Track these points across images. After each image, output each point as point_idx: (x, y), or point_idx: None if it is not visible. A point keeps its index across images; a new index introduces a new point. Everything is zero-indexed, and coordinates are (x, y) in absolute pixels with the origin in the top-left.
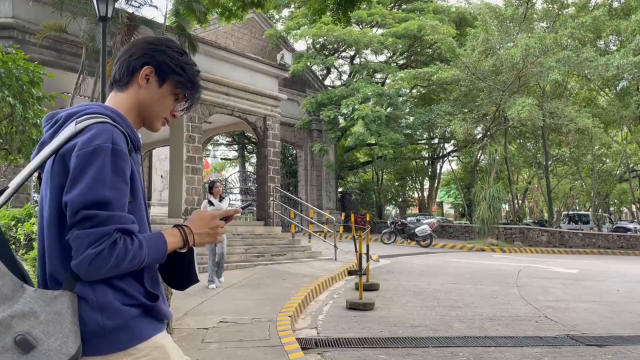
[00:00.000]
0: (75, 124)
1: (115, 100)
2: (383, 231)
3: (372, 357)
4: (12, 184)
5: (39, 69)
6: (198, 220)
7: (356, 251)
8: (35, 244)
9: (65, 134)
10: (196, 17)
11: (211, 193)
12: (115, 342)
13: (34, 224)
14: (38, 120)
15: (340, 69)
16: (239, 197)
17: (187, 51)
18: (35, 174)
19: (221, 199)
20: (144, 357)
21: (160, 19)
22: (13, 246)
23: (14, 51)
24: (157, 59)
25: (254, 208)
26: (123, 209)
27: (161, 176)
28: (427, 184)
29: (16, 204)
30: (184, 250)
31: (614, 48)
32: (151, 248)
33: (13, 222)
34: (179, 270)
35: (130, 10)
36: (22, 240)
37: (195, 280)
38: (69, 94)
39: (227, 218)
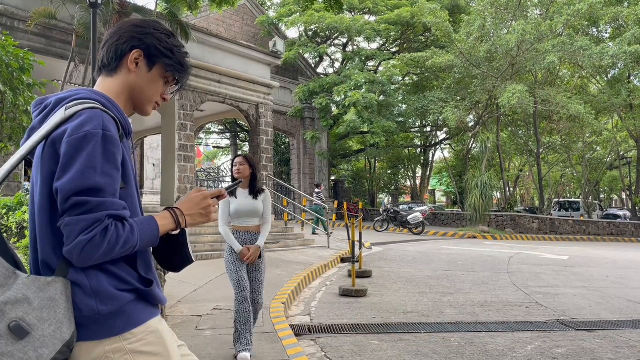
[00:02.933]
0: (65, 110)
1: (104, 85)
2: (375, 219)
3: (364, 342)
4: (2, 171)
5: (29, 55)
6: (189, 201)
7: (349, 239)
8: (27, 232)
9: (55, 120)
10: (187, 4)
11: (234, 179)
12: (111, 327)
13: (25, 212)
14: (29, 108)
15: (332, 57)
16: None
17: (173, 33)
18: (23, 162)
19: (256, 192)
20: (139, 342)
21: (151, 6)
22: (5, 235)
23: (3, 38)
24: (146, 42)
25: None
26: (114, 195)
27: (153, 164)
28: (419, 172)
29: (7, 192)
30: (176, 233)
31: (607, 36)
32: (143, 232)
33: (4, 211)
34: (173, 252)
35: None
36: (13, 229)
37: (190, 260)
38: (60, 82)
39: (218, 196)
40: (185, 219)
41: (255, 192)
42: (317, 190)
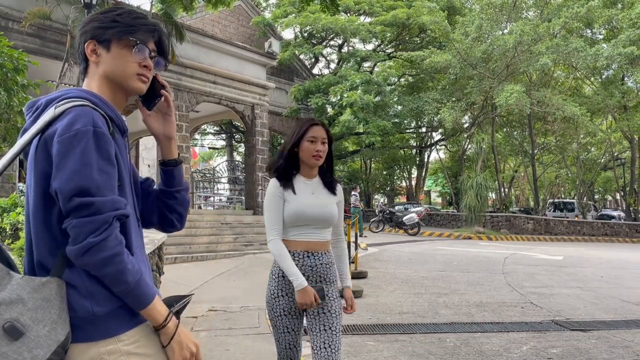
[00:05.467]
0: (55, 108)
1: (87, 85)
2: (371, 220)
3: (360, 343)
4: None
5: (23, 56)
6: (187, 336)
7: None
8: (21, 234)
9: (45, 119)
10: (182, 4)
11: (289, 166)
12: (106, 328)
13: (19, 213)
14: (23, 109)
15: (328, 58)
16: (227, 186)
17: (121, 7)
18: (18, 164)
19: (332, 185)
20: (134, 344)
21: (146, 7)
22: None
23: None
24: (89, 30)
25: None
26: (113, 191)
27: (148, 165)
28: (414, 172)
29: (1, 193)
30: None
31: (600, 37)
32: (141, 288)
33: None
34: None
35: None
36: (7, 230)
37: None
38: (54, 82)
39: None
40: (175, 334)
41: (331, 184)
42: (353, 192)
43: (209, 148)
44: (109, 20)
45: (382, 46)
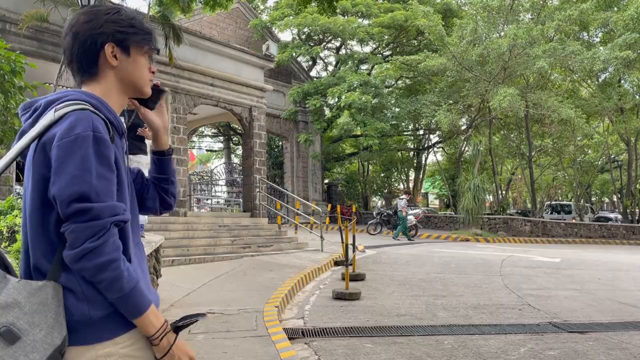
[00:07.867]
0: (55, 111)
1: (91, 89)
2: (369, 222)
3: (358, 346)
4: None
5: (20, 58)
6: (181, 347)
7: (342, 242)
8: (18, 237)
9: (44, 122)
10: (180, 7)
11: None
12: (102, 331)
13: (16, 216)
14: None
15: (326, 60)
16: (224, 188)
17: (119, 7)
18: (15, 165)
19: None
20: (131, 346)
21: (144, 9)
22: None
23: None
24: (108, 32)
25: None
26: (112, 197)
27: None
28: (412, 175)
29: None
30: (152, 342)
31: (597, 40)
32: (135, 296)
33: None
34: None
35: None
36: (4, 233)
37: None
38: (52, 84)
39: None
40: (169, 351)
41: None
42: (404, 196)
43: (207, 150)
44: (127, 25)
45: (379, 49)
